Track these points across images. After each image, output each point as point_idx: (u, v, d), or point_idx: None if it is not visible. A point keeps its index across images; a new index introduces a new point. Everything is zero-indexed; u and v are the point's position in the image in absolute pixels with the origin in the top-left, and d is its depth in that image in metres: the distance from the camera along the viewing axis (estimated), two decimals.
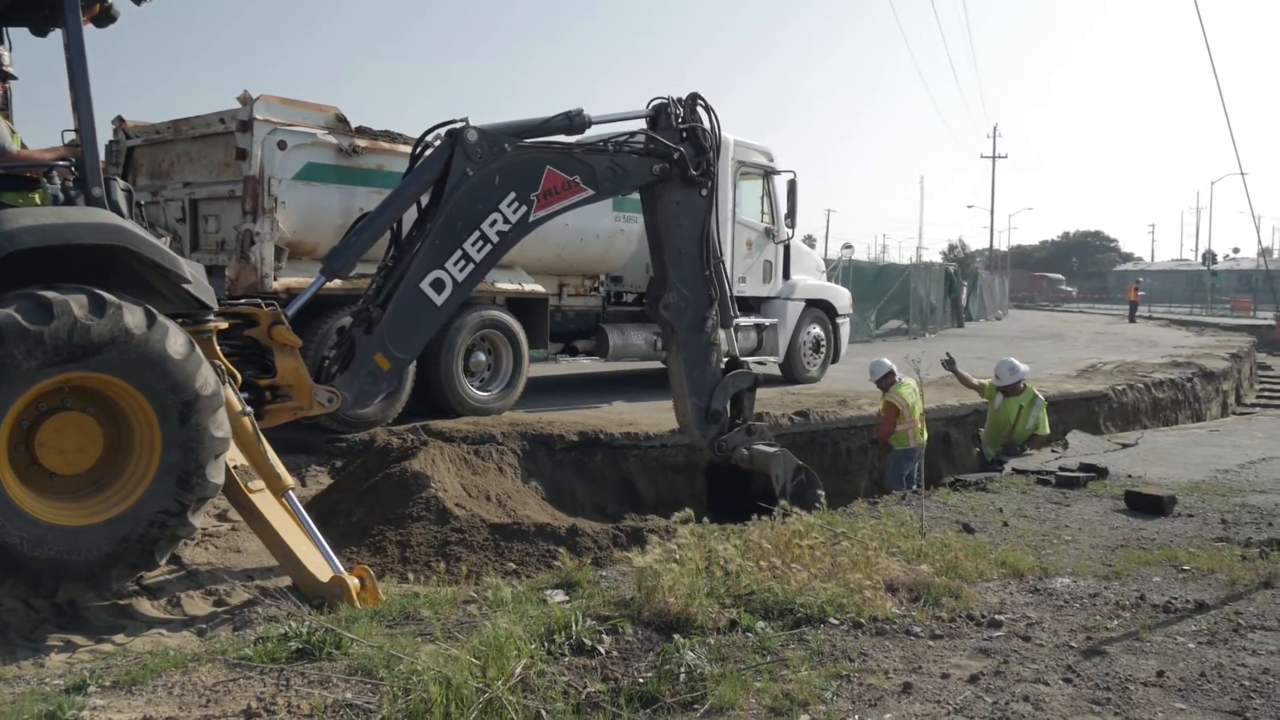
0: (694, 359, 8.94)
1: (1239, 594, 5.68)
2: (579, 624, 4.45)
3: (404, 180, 7.84)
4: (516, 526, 7.49)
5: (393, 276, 7.58)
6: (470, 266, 7.74)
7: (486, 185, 7.74)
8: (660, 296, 8.81)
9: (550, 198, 8.09)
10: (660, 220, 8.79)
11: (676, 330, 8.85)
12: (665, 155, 8.62)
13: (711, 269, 8.94)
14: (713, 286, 8.94)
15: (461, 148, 7.60)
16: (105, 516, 5.61)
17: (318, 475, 9.32)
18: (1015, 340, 28.66)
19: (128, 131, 11.17)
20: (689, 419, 9.03)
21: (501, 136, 7.81)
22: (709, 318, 8.92)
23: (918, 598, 5.31)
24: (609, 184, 8.47)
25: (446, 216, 7.60)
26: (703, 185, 8.88)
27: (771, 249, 15.50)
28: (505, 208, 7.83)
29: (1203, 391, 19.63)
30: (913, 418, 11.02)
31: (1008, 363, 11.65)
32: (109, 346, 5.45)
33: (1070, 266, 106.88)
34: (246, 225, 9.54)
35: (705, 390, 9.00)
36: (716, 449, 9.06)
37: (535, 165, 7.99)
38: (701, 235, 8.89)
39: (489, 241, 7.79)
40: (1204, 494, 8.51)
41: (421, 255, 7.55)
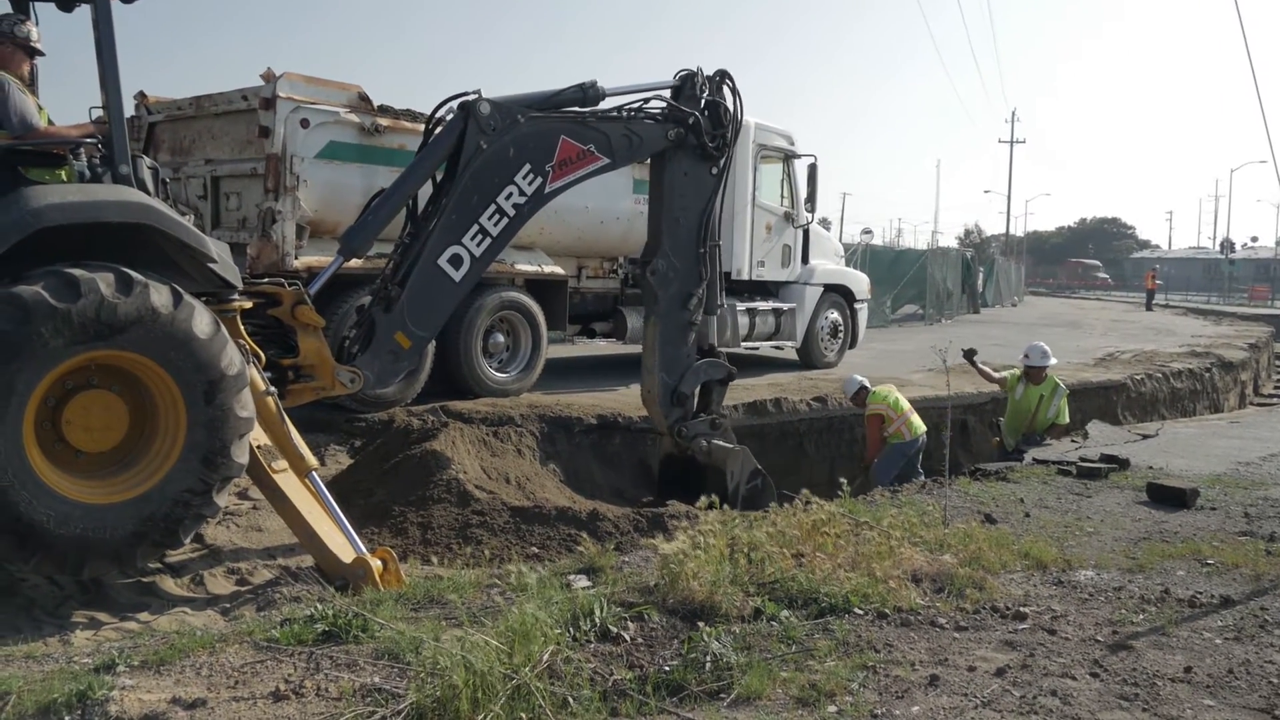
0: (671, 334, 8.84)
1: (1264, 589, 5.65)
2: (604, 610, 4.45)
3: (418, 156, 7.80)
4: (538, 510, 7.49)
5: (410, 254, 7.55)
6: (488, 241, 7.70)
7: (501, 158, 7.70)
8: (649, 262, 8.73)
9: (565, 168, 8.05)
10: (665, 187, 8.72)
11: (659, 299, 8.76)
12: (681, 120, 8.53)
13: (707, 249, 8.86)
14: (705, 266, 8.86)
15: (475, 120, 7.55)
16: (130, 495, 5.63)
17: (337, 455, 9.33)
18: (1032, 327, 28.52)
19: (149, 107, 11.16)
20: (654, 396, 8.91)
21: (515, 108, 7.76)
22: (695, 296, 8.83)
23: (941, 589, 5.30)
24: (624, 152, 8.42)
25: (462, 191, 7.56)
26: (714, 162, 8.80)
27: (791, 233, 15.43)
28: (521, 180, 7.80)
29: (1221, 382, 19.52)
30: (900, 414, 10.98)
31: (1040, 346, 11.61)
32: (135, 325, 5.45)
33: (1087, 253, 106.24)
34: (268, 203, 9.52)
35: (677, 370, 8.88)
36: (676, 434, 8.96)
37: (549, 136, 7.93)
38: (703, 212, 8.82)
39: (505, 215, 7.75)
40: (1226, 487, 8.46)
41: (438, 231, 7.52)
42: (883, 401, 11.06)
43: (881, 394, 11.16)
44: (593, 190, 11.79)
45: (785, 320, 15.20)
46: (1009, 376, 11.75)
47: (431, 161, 7.65)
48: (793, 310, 15.30)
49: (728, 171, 9.08)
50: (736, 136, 9.08)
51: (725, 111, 8.83)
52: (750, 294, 14.93)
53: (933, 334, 25.36)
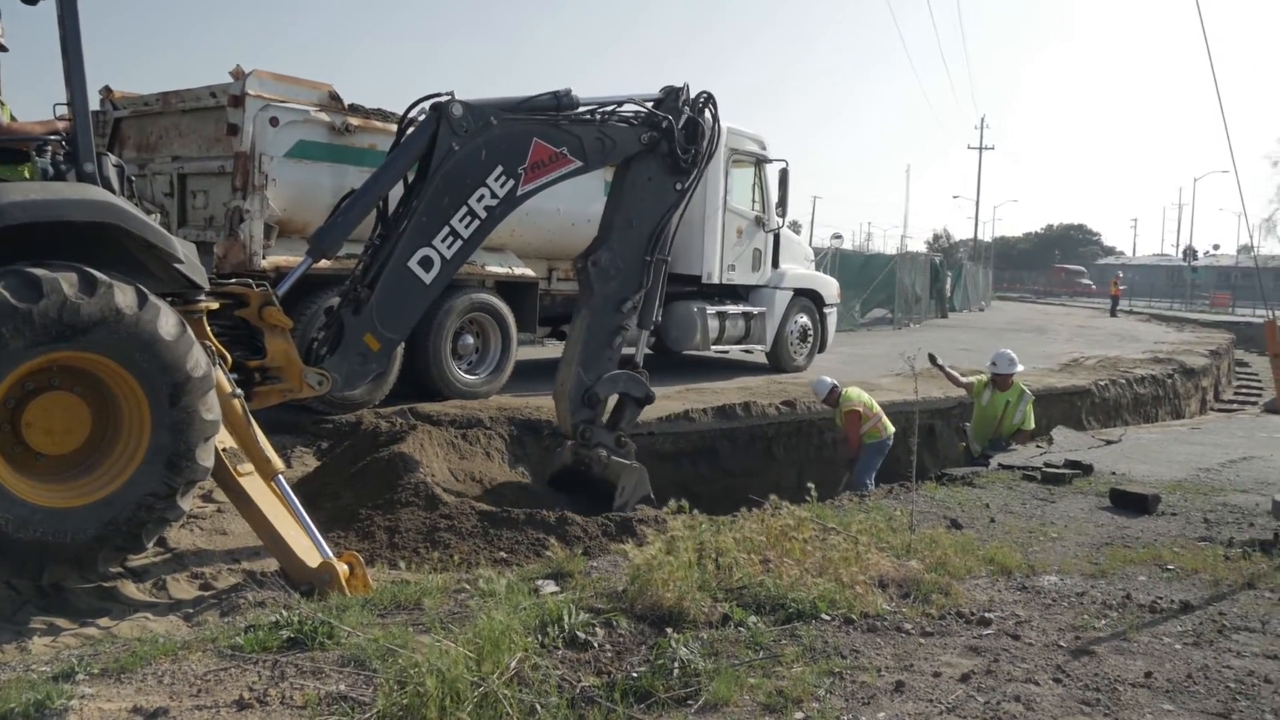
0: (598, 333, 8.72)
1: (1223, 594, 5.72)
2: (572, 617, 4.45)
3: (389, 156, 7.74)
4: (506, 514, 7.46)
5: (380, 255, 7.49)
6: (459, 243, 7.66)
7: (473, 160, 7.65)
8: (593, 252, 8.66)
9: (538, 170, 8.00)
10: (626, 187, 8.67)
11: (595, 293, 8.66)
12: (655, 125, 8.49)
13: (654, 260, 8.80)
14: (648, 276, 8.79)
15: (447, 122, 7.49)
16: (92, 498, 5.56)
17: (303, 457, 9.26)
18: (999, 332, 28.78)
19: (115, 102, 11.04)
20: (566, 390, 8.70)
21: (488, 110, 7.70)
22: (631, 301, 8.75)
23: (908, 594, 5.33)
24: (597, 155, 8.36)
25: (433, 193, 7.51)
26: (681, 177, 8.76)
27: (761, 237, 15.49)
28: (493, 182, 7.75)
29: (1183, 388, 19.78)
30: (874, 412, 11.12)
31: (1006, 354, 11.73)
32: (99, 326, 5.38)
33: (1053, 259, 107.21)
34: (236, 202, 9.44)
35: (595, 369, 8.73)
36: (580, 435, 8.73)
37: (522, 138, 7.88)
38: (659, 222, 8.76)
39: (477, 217, 7.70)
40: (1187, 492, 8.57)
41: (409, 233, 7.46)
42: (856, 400, 11.17)
43: (853, 394, 11.30)
44: (564, 192, 11.76)
45: (755, 324, 15.26)
46: (975, 382, 11.85)
47: (403, 162, 7.60)
48: (762, 314, 15.36)
49: (692, 192, 9.02)
50: (709, 160, 9.04)
51: (702, 132, 8.82)
52: (720, 297, 14.98)
53: (901, 338, 25.52)
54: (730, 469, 11.54)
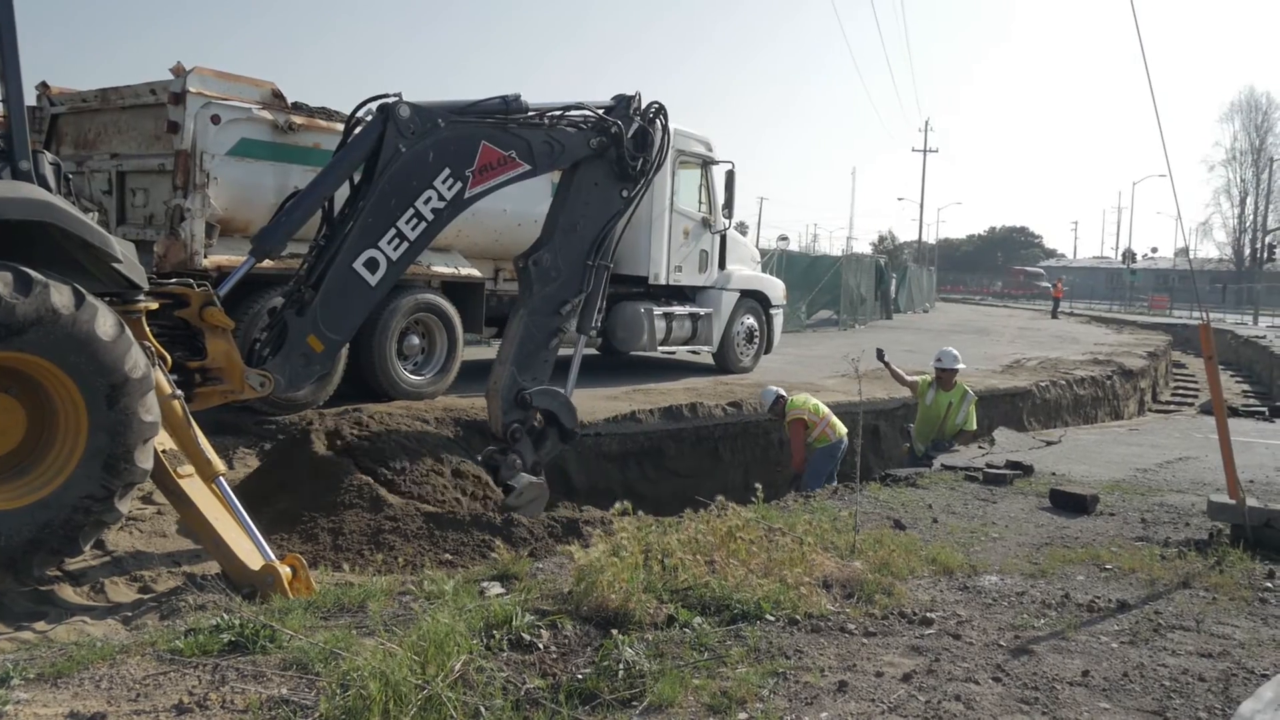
0: (534, 333, 8.63)
1: (1159, 593, 5.83)
2: (518, 619, 4.44)
3: (335, 157, 7.69)
4: (451, 515, 7.43)
5: (325, 256, 7.43)
6: (405, 245, 7.62)
7: (420, 162, 7.62)
8: (535, 252, 8.61)
9: (486, 174, 7.99)
10: (572, 191, 8.64)
11: (534, 293, 8.59)
12: (604, 130, 8.49)
13: (595, 265, 8.77)
14: (589, 280, 8.76)
15: (394, 123, 7.45)
16: (27, 501, 5.46)
17: (246, 458, 9.15)
18: (942, 333, 29.15)
19: (52, 98, 10.83)
20: (498, 389, 8.54)
21: (435, 112, 7.67)
22: (570, 304, 8.71)
23: (851, 594, 5.37)
24: (546, 159, 8.34)
25: (380, 194, 7.46)
26: (629, 185, 8.76)
27: (708, 239, 15.56)
28: (440, 184, 7.72)
29: (1121, 389, 20.16)
30: (821, 417, 11.13)
31: (951, 351, 11.97)
32: (34, 326, 5.28)
33: (995, 261, 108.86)
34: (177, 200, 9.31)
35: (529, 370, 8.61)
36: (510, 435, 8.51)
37: (470, 141, 7.86)
38: (603, 228, 8.75)
39: (424, 220, 7.67)
40: (1124, 493, 8.73)
41: (354, 234, 7.41)
42: (802, 407, 11.19)
43: (799, 400, 11.30)
44: (511, 193, 11.68)
45: (701, 325, 15.32)
46: (920, 382, 12.00)
47: (349, 163, 7.54)
48: (709, 315, 15.43)
49: (638, 201, 9.03)
50: (658, 169, 9.05)
51: (651, 141, 8.82)
52: (667, 299, 15.03)
53: (847, 339, 25.76)
54: (677, 470, 11.58)
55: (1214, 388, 7.22)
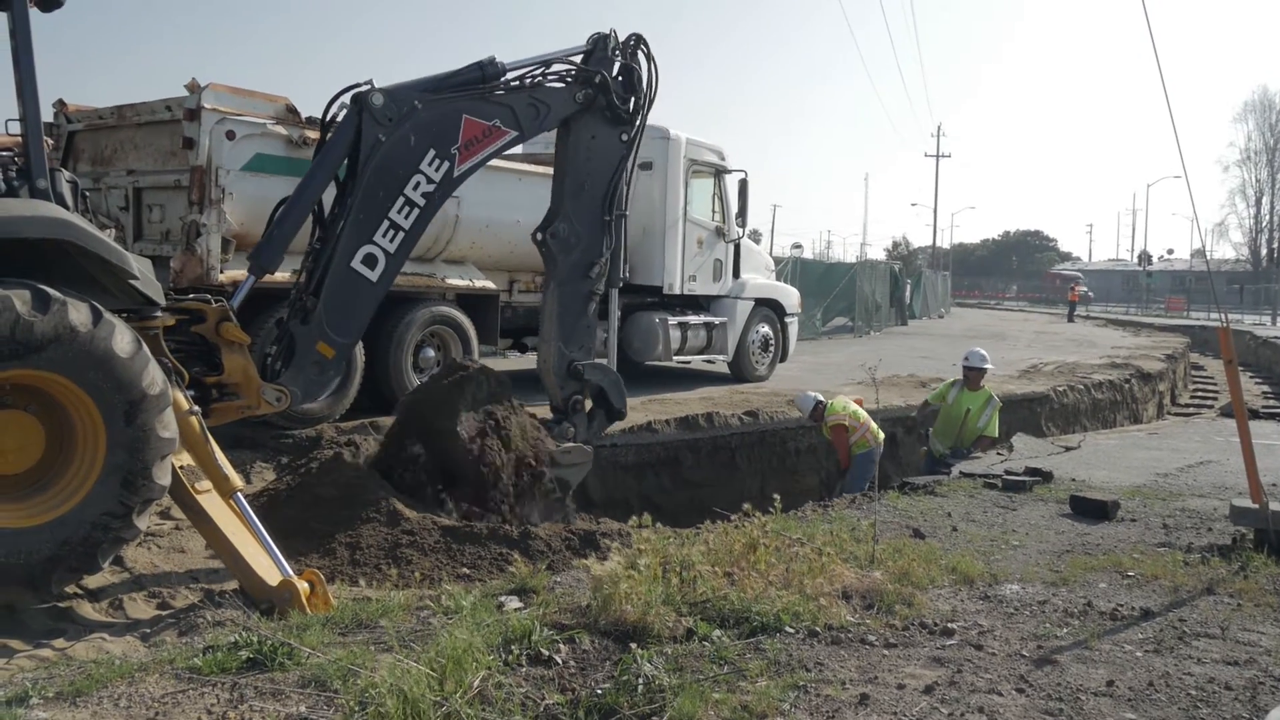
0: (570, 304, 8.58)
1: (1182, 600, 5.78)
2: (536, 634, 4.42)
3: (316, 159, 7.47)
4: (469, 529, 7.40)
5: (321, 260, 7.27)
6: (400, 235, 7.42)
7: (402, 148, 7.38)
8: (550, 224, 8.47)
9: (472, 148, 7.74)
10: (570, 151, 8.44)
11: (559, 265, 8.51)
12: (588, 81, 8.22)
13: (613, 218, 8.62)
14: (609, 236, 8.62)
15: (369, 113, 7.20)
16: (47, 518, 5.47)
17: (263, 472, 9.16)
18: (958, 339, 29.01)
19: (69, 115, 10.91)
20: (550, 366, 8.62)
21: (410, 94, 7.43)
22: (597, 265, 8.60)
23: (871, 605, 5.34)
24: (532, 122, 8.07)
25: (366, 188, 7.25)
26: (625, 129, 8.51)
27: (722, 248, 15.54)
28: (427, 167, 7.49)
29: (1140, 392, 20.03)
30: (860, 422, 11.15)
31: (979, 351, 12.09)
32: (53, 344, 5.30)
33: (1010, 265, 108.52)
34: (192, 216, 9.35)
35: (575, 340, 8.62)
36: (571, 407, 8.69)
37: (451, 117, 7.61)
38: (611, 180, 8.55)
39: (415, 206, 7.46)
40: (1146, 498, 8.66)
41: (347, 233, 7.22)
42: (842, 412, 11.19)
43: (838, 405, 11.30)
44: (525, 204, 11.80)
45: (716, 334, 15.30)
46: (938, 390, 12.02)
47: (331, 162, 7.33)
48: (724, 324, 15.41)
49: (639, 140, 8.76)
50: (651, 104, 8.76)
51: (639, 78, 8.52)
52: (682, 308, 15.02)
53: (862, 346, 25.70)
54: (694, 480, 11.56)
55: (1235, 393, 7.15)
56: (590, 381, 8.82)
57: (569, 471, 8.41)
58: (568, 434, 8.63)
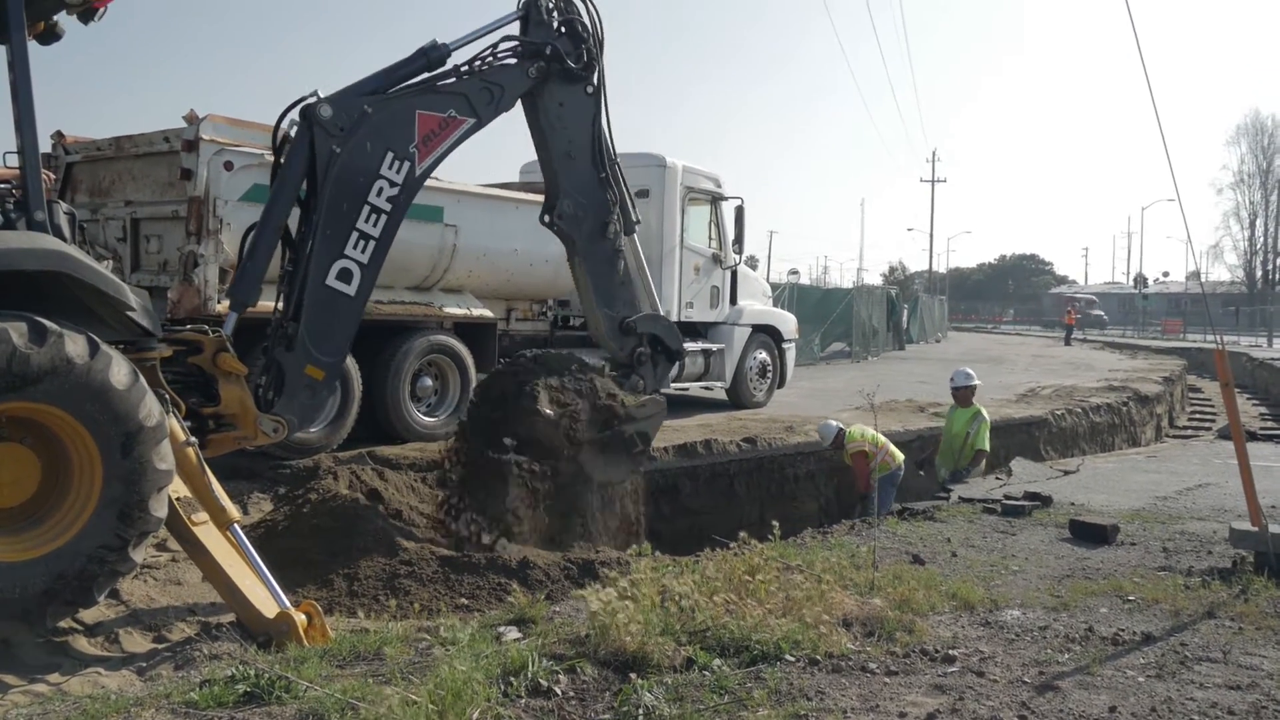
0: (599, 269, 8.66)
1: (1184, 624, 5.76)
2: (535, 665, 4.39)
3: (276, 182, 7.36)
4: (467, 559, 7.38)
5: (296, 283, 7.20)
6: (372, 244, 7.31)
7: (359, 155, 7.25)
8: (554, 207, 8.46)
9: (431, 142, 7.60)
10: (544, 125, 8.36)
11: (576, 240, 8.56)
12: (538, 52, 8.09)
13: (608, 170, 8.60)
14: (610, 190, 8.62)
15: (319, 126, 7.08)
16: (42, 551, 5.44)
17: (260, 502, 9.13)
18: (956, 363, 28.87)
19: (67, 147, 10.93)
20: (602, 332, 8.86)
21: (357, 100, 7.29)
22: (610, 223, 8.62)
23: (872, 632, 5.31)
24: (488, 107, 7.93)
25: (329, 202, 7.12)
26: (586, 81, 8.42)
27: (719, 274, 15.57)
28: (387, 171, 7.36)
29: (1138, 415, 20.03)
30: (880, 447, 11.24)
31: (962, 370, 12.46)
32: (49, 376, 5.29)
33: (1007, 289, 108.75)
34: (190, 247, 9.35)
35: (615, 300, 8.75)
36: (636, 360, 8.96)
37: (403, 115, 7.48)
38: (592, 136, 8.49)
39: (383, 212, 7.34)
40: (1145, 522, 8.65)
41: (317, 251, 7.12)
42: (861, 439, 11.25)
43: (856, 433, 11.35)
44: (521, 233, 11.84)
45: (714, 361, 15.30)
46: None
47: (291, 184, 7.22)
48: (721, 351, 15.41)
49: (604, 85, 8.63)
50: (602, 45, 8.60)
51: (583, 26, 8.38)
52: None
53: (860, 371, 25.71)
54: (692, 507, 11.53)
55: (1232, 416, 7.16)
56: (644, 333, 9.06)
57: (647, 424, 8.86)
58: (638, 387, 8.95)
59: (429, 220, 10.93)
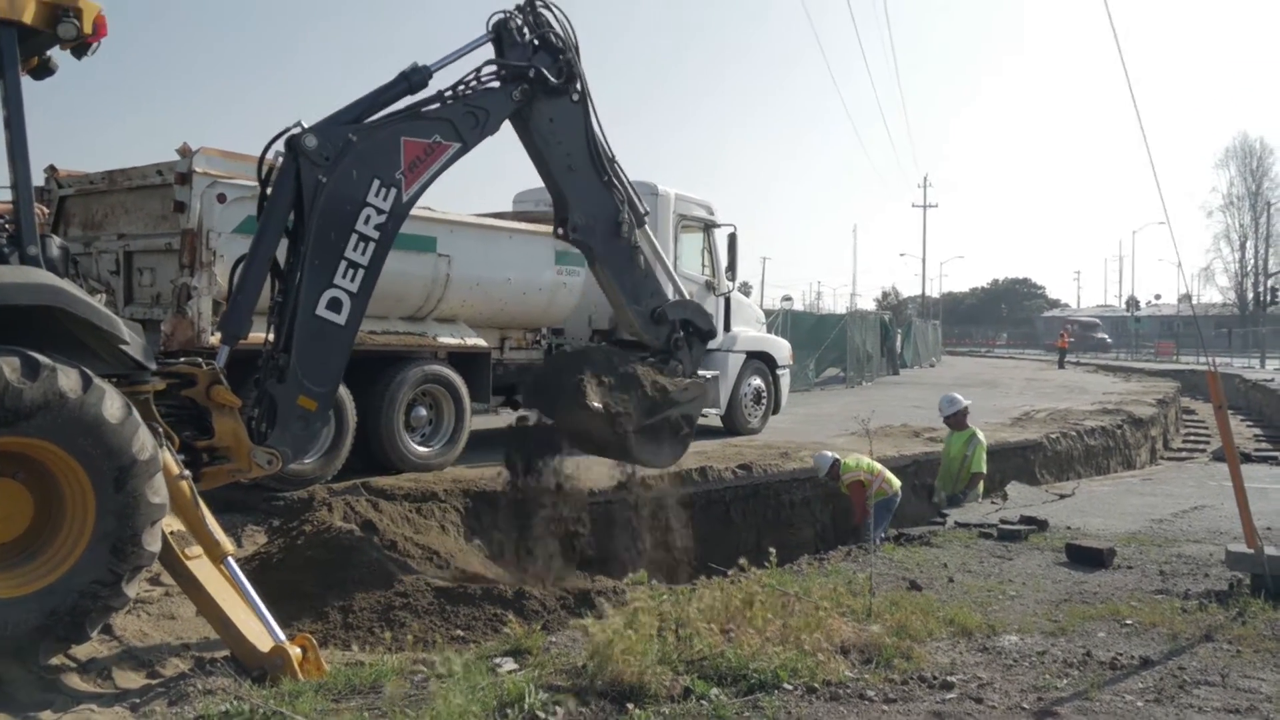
0: (621, 268, 8.82)
1: (1181, 648, 5.75)
2: (531, 696, 4.37)
3: (264, 214, 7.32)
4: (462, 590, 7.35)
5: (286, 314, 7.21)
6: (361, 272, 7.29)
7: (346, 184, 7.24)
8: (565, 220, 8.58)
9: (417, 168, 7.59)
10: (539, 144, 8.40)
11: (594, 247, 8.71)
12: (521, 76, 8.12)
13: (609, 172, 8.68)
14: (615, 190, 8.70)
15: (305, 156, 7.08)
16: (34, 587, 5.40)
17: (254, 535, 9.09)
18: (950, 388, 28.89)
19: (60, 180, 10.95)
20: (636, 326, 9.07)
21: (342, 129, 7.29)
22: (622, 222, 8.72)
23: (869, 659, 5.30)
24: (473, 131, 7.93)
25: (317, 232, 7.11)
26: (570, 91, 8.43)
27: (712, 301, 15.54)
28: (374, 198, 7.35)
29: (1132, 438, 20.05)
30: (876, 474, 11.25)
31: (946, 396, 12.59)
32: (42, 411, 5.27)
33: (1000, 312, 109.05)
34: (184, 279, 9.35)
35: (642, 293, 8.93)
36: (674, 346, 9.18)
37: (389, 142, 7.47)
38: (587, 143, 8.54)
39: (370, 240, 7.32)
40: (1141, 544, 8.64)
41: (307, 281, 7.10)
42: (857, 469, 11.25)
43: (852, 464, 11.34)
44: (515, 262, 11.87)
45: (709, 388, 15.26)
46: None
47: (278, 215, 7.21)
48: (716, 378, 15.38)
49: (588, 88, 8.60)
50: (578, 49, 8.57)
51: (556, 35, 8.35)
52: None
53: (855, 397, 25.72)
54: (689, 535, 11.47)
55: (1226, 438, 7.18)
56: (676, 320, 9.24)
57: (690, 406, 9.22)
58: (678, 371, 9.15)
59: (422, 250, 10.96)
